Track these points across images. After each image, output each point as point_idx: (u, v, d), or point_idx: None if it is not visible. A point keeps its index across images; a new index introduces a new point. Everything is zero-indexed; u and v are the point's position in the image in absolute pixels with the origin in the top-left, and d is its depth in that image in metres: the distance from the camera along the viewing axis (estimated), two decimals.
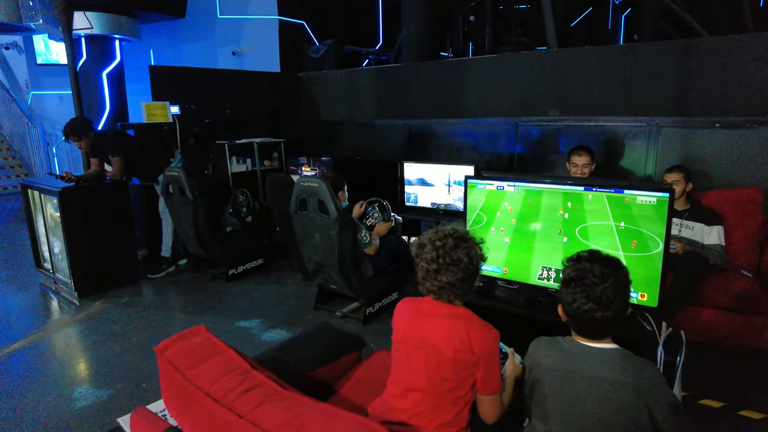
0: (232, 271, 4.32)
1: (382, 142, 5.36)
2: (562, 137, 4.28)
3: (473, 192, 2.61)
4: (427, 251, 1.56)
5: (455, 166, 4.35)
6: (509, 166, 4.53)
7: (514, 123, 4.47)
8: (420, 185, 4.54)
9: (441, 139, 4.96)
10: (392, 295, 3.66)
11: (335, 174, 3.41)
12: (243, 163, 5.31)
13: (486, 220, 2.47)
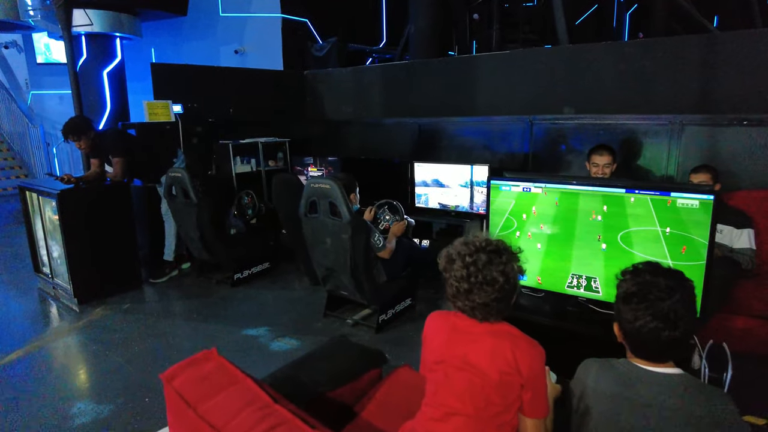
0: (238, 275, 4.19)
1: (390, 141, 5.22)
2: (579, 136, 4.13)
3: (498, 194, 2.46)
4: (456, 268, 1.41)
5: (468, 166, 4.22)
6: (524, 166, 4.37)
7: (529, 121, 4.32)
8: (431, 186, 4.41)
9: (452, 139, 4.82)
10: (406, 301, 3.51)
11: (347, 175, 3.27)
12: (247, 163, 5.17)
13: (516, 225, 2.31)
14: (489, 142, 4.60)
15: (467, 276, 1.39)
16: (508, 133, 4.48)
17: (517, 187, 2.43)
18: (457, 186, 4.29)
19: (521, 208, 2.32)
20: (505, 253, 1.43)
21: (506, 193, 2.42)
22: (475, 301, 1.40)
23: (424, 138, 4.97)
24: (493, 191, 2.48)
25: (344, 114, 5.61)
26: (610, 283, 2.13)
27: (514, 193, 2.43)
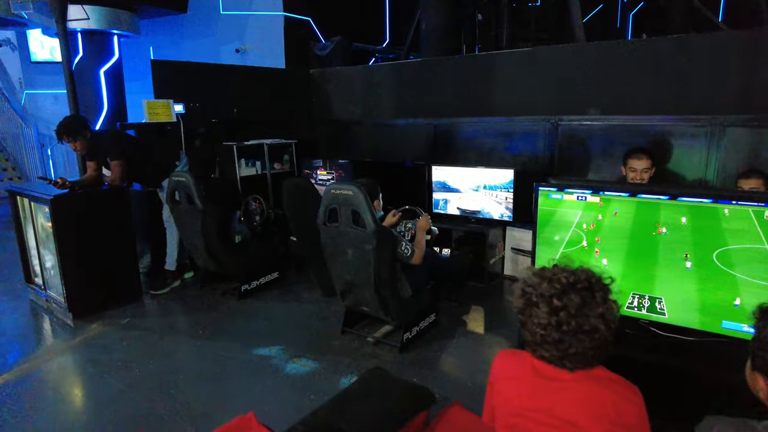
0: (245, 286, 3.94)
1: (403, 143, 5.01)
2: (608, 138, 3.91)
3: (547, 203, 2.19)
4: (541, 314, 1.16)
5: (490, 169, 4.02)
6: (549, 169, 4.16)
7: (554, 123, 4.08)
8: (448, 191, 4.23)
9: (470, 140, 4.60)
10: (430, 317, 3.28)
11: (369, 180, 3.04)
12: (252, 166, 5.02)
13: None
14: (510, 144, 4.38)
15: (557, 324, 1.14)
16: (530, 135, 4.26)
17: (570, 195, 2.17)
18: (476, 190, 4.11)
19: (582, 220, 2.04)
20: (599, 290, 1.17)
21: (557, 201, 2.18)
22: (568, 351, 1.14)
23: (440, 140, 4.76)
24: (542, 199, 2.20)
25: (353, 114, 5.41)
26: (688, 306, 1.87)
27: (568, 201, 2.18)
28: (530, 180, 4.02)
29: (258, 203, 4.46)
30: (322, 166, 4.92)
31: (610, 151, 3.89)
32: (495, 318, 3.51)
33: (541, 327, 1.16)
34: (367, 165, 4.74)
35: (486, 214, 4.07)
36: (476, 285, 4.03)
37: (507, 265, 4.26)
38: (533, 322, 1.17)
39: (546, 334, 1.15)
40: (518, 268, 4.19)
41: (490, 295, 3.92)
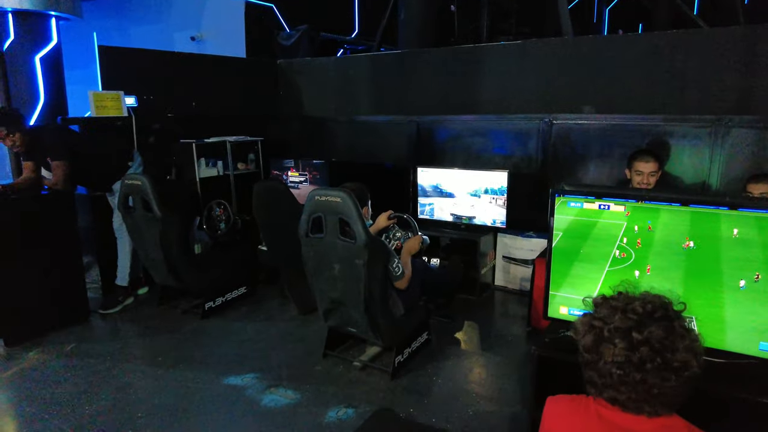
0: (209, 304, 3.75)
1: (383, 142, 4.89)
2: (606, 139, 3.88)
3: (564, 210, 2.11)
4: (618, 351, 1.05)
5: (482, 171, 3.97)
6: (542, 172, 4.12)
7: (548, 122, 4.04)
8: (435, 195, 4.15)
9: (456, 140, 4.51)
10: (422, 336, 3.17)
11: (358, 184, 2.92)
12: (213, 166, 4.85)
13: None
14: (501, 144, 4.32)
15: (639, 362, 1.03)
16: (522, 135, 4.20)
17: (591, 204, 2.09)
18: (467, 194, 4.03)
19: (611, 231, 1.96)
20: (676, 318, 1.08)
21: (577, 210, 2.09)
22: (650, 392, 1.03)
23: (424, 139, 4.65)
24: (560, 208, 2.10)
25: (327, 110, 5.27)
26: (725, 327, 1.79)
27: (589, 211, 2.10)
28: (524, 183, 4.08)
29: (223, 209, 4.28)
30: (293, 166, 4.78)
31: (608, 153, 3.86)
32: (490, 335, 3.44)
33: (618, 366, 1.04)
34: (344, 166, 4.61)
35: (479, 221, 4.01)
36: (468, 297, 3.95)
37: (498, 275, 4.20)
38: (607, 361, 1.06)
39: (624, 374, 1.04)
40: (510, 278, 4.14)
41: (482, 308, 3.85)
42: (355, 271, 2.57)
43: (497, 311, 3.85)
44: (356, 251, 2.52)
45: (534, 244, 3.94)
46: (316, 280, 2.79)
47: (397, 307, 2.84)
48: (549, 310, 2.23)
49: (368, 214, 2.96)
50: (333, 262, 2.64)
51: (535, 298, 3.19)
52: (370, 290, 2.58)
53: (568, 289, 2.11)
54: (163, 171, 4.56)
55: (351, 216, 2.49)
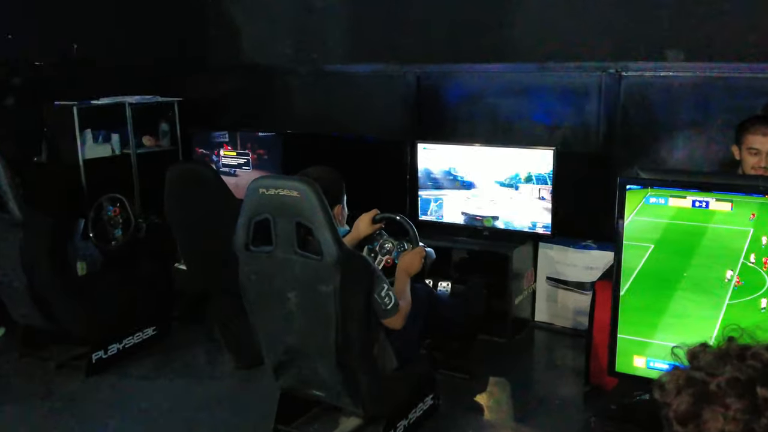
0: (99, 354, 3.76)
1: (365, 105, 4.94)
2: (701, 99, 3.90)
3: (646, 211, 2.16)
4: (731, 414, 1.04)
5: (515, 149, 4.02)
6: (606, 150, 4.14)
7: (615, 74, 4.06)
8: (456, 185, 4.18)
9: (475, 102, 4.55)
10: (425, 401, 3.15)
11: (326, 170, 2.90)
12: (105, 141, 5.02)
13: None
14: (543, 108, 4.34)
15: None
16: (576, 94, 4.23)
17: (681, 199, 2.13)
18: (492, 184, 4.07)
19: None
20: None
21: (670, 210, 2.14)
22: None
23: (427, 100, 4.69)
24: (631, 204, 2.15)
25: (279, 56, 5.35)
26: None
27: (674, 209, 2.15)
28: (578, 167, 4.05)
29: (119, 207, 4.31)
30: (227, 142, 4.85)
31: (705, 121, 3.88)
32: (528, 397, 3.43)
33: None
34: (306, 141, 4.65)
35: (508, 224, 4.05)
36: (494, 340, 3.94)
37: (540, 306, 4.21)
38: (715, 428, 1.03)
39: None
40: (558, 310, 4.14)
41: (516, 356, 3.85)
42: (321, 304, 2.54)
43: (538, 361, 3.79)
44: (323, 272, 2.49)
45: (594, 259, 3.93)
46: (261, 316, 2.77)
47: (388, 357, 2.83)
48: (618, 361, 2.25)
49: (342, 216, 2.94)
50: (287, 289, 2.62)
51: (596, 341, 3.17)
52: (344, 332, 2.55)
53: (657, 331, 2.14)
54: (27, 149, 4.64)
55: (315, 219, 2.45)
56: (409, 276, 2.94)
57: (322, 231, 2.45)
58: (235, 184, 4.50)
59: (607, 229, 3.82)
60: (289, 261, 2.57)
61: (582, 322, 3.78)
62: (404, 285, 2.87)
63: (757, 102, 3.69)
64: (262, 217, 2.59)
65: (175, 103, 5.18)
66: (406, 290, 2.86)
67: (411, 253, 3.00)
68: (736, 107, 3.67)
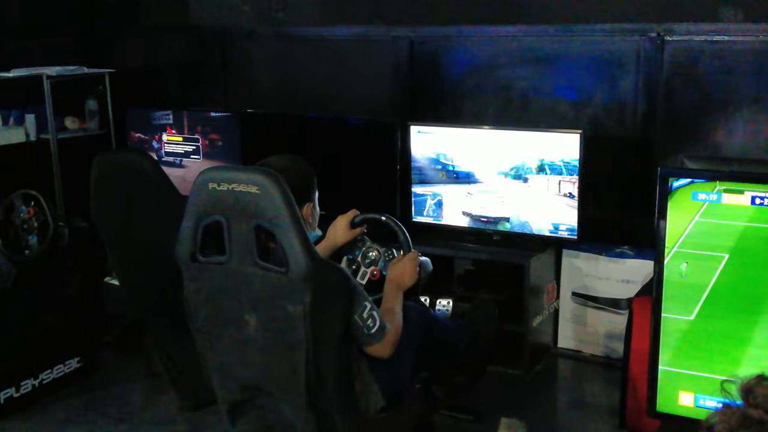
0: (8, 392, 3.77)
1: (346, 77, 4.99)
2: (764, 69, 3.91)
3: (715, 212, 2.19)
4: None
5: (533, 133, 4.09)
6: (645, 134, 4.17)
7: (657, 38, 4.08)
8: (453, 179, 4.24)
9: (484, 73, 4.59)
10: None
11: (294, 160, 2.92)
12: (17, 124, 5.11)
13: None
14: (567, 81, 4.38)
15: None
16: (609, 63, 4.28)
17: (738, 195, 2.14)
18: (504, 176, 4.12)
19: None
20: None
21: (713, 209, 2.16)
22: None
23: (421, 71, 4.72)
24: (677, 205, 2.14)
25: (235, 16, 5.37)
26: None
27: (730, 207, 2.17)
28: (612, 155, 4.13)
29: (34, 208, 4.30)
30: (171, 124, 4.90)
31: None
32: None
33: None
34: (269, 122, 4.71)
35: (522, 226, 4.08)
36: (506, 372, 3.98)
37: (564, 329, 4.25)
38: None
39: None
40: (586, 335, 4.17)
41: (535, 391, 3.89)
42: (287, 328, 2.52)
43: (562, 398, 3.83)
44: (289, 289, 2.47)
45: (631, 270, 3.96)
46: (212, 344, 2.75)
47: (372, 394, 2.82)
48: (660, 398, 2.28)
49: (314, 218, 2.96)
50: (245, 309, 2.60)
51: (634, 373, 3.20)
52: (317, 364, 2.53)
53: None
54: None
55: (279, 221, 2.43)
56: (401, 290, 2.95)
57: (288, 236, 2.43)
58: (182, 176, 4.50)
59: (647, 232, 3.87)
60: (247, 275, 2.56)
61: (616, 348, 3.85)
62: (395, 302, 2.89)
63: None
64: (212, 220, 2.56)
65: (105, 76, 5.17)
66: (397, 309, 2.87)
67: (402, 260, 3.01)
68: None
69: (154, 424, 3.65)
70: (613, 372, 3.81)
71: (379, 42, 4.81)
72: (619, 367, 3.46)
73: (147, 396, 3.91)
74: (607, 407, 3.62)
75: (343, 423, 2.66)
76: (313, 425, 2.65)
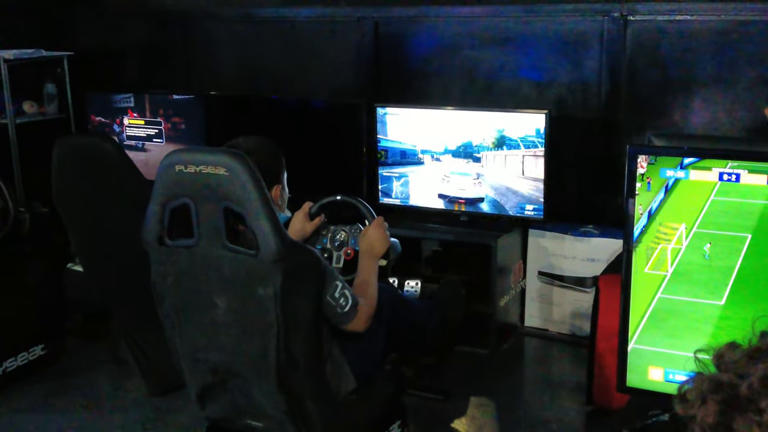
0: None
1: (311, 59, 4.96)
2: (727, 48, 3.94)
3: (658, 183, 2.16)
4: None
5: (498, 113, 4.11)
6: (610, 114, 4.20)
7: (619, 18, 4.10)
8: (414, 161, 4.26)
9: (449, 54, 4.59)
10: (391, 430, 3.13)
11: (261, 142, 2.90)
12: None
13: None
14: (532, 62, 4.41)
15: None
16: (573, 44, 4.29)
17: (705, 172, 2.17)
18: (469, 157, 4.15)
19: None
20: None
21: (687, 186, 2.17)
22: None
23: (388, 53, 4.73)
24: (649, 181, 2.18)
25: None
26: None
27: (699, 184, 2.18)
28: (577, 135, 4.15)
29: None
30: (133, 107, 4.87)
31: (731, 77, 3.93)
32: (519, 421, 3.48)
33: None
34: (234, 105, 4.70)
35: (489, 207, 4.11)
36: (474, 352, 4.00)
37: (531, 308, 4.28)
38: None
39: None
40: (553, 314, 4.21)
41: (503, 371, 3.92)
42: (257, 311, 2.51)
43: (529, 377, 3.87)
44: (259, 271, 2.47)
45: (597, 249, 4.00)
46: (180, 329, 2.73)
47: (343, 376, 2.84)
48: (629, 374, 2.25)
49: (283, 200, 2.95)
50: (214, 293, 2.58)
51: (601, 350, 3.22)
52: (288, 347, 2.53)
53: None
54: None
55: (248, 203, 2.41)
56: (375, 258, 2.97)
57: (257, 218, 2.42)
58: (145, 161, 4.48)
59: (612, 211, 3.90)
60: (216, 258, 2.55)
61: (582, 326, 3.89)
62: (369, 272, 2.91)
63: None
64: (179, 202, 2.54)
65: (64, 59, 5.12)
66: (372, 280, 2.89)
67: (369, 229, 3.03)
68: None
69: (121, 410, 3.62)
70: (579, 350, 3.85)
71: (344, 23, 4.79)
72: (585, 345, 3.51)
73: (113, 382, 3.89)
74: (574, 385, 3.66)
75: (314, 405, 2.66)
76: (284, 407, 2.65)
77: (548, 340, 4.18)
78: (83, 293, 4.12)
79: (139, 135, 4.79)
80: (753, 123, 3.75)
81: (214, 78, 5.21)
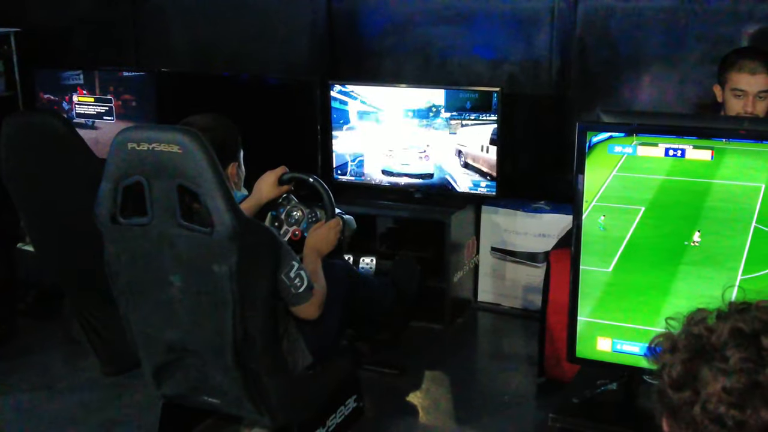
0: None
1: (263, 34, 4.91)
2: (677, 28, 3.97)
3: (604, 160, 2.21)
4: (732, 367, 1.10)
5: (451, 91, 4.09)
6: (560, 91, 4.23)
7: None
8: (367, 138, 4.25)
9: (403, 32, 4.58)
10: (347, 404, 3.19)
11: (216, 119, 2.89)
12: None
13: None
14: (485, 39, 4.40)
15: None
16: (525, 22, 4.30)
17: (652, 148, 2.18)
18: (424, 135, 4.14)
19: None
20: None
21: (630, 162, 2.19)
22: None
23: (341, 30, 4.71)
24: (595, 159, 2.22)
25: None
26: None
27: (647, 160, 2.20)
28: (529, 111, 4.19)
29: None
30: (82, 84, 4.82)
31: (678, 55, 3.97)
32: (472, 394, 3.51)
33: (731, 405, 1.07)
34: (187, 81, 4.66)
35: (443, 180, 4.12)
36: (430, 327, 4.02)
37: (484, 284, 4.30)
38: (712, 394, 1.08)
39: (741, 412, 1.07)
40: (506, 288, 4.24)
41: (457, 345, 3.94)
42: (213, 289, 2.51)
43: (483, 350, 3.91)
44: (215, 249, 2.46)
45: (548, 224, 4.04)
46: (135, 307, 2.72)
47: (299, 352, 2.84)
48: (579, 345, 2.27)
49: (239, 177, 2.94)
50: (169, 271, 2.58)
51: (552, 323, 3.26)
52: (244, 324, 2.54)
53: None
54: None
55: (203, 180, 2.40)
56: (320, 256, 2.97)
57: (212, 196, 2.41)
58: (95, 139, 4.42)
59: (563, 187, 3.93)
60: (171, 236, 2.53)
61: (534, 301, 3.91)
62: (314, 266, 2.90)
63: (742, 31, 3.80)
64: (132, 180, 2.52)
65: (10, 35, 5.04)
66: (318, 272, 2.88)
67: (324, 227, 3.02)
68: (717, 37, 3.78)
69: (75, 390, 3.59)
70: (531, 323, 3.86)
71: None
72: (536, 319, 3.53)
73: (67, 362, 3.86)
74: (527, 357, 3.69)
75: (271, 381, 2.67)
76: (240, 384, 2.66)
77: (501, 315, 4.20)
78: (34, 273, 4.09)
79: (89, 113, 4.73)
80: (702, 101, 3.80)
81: (165, 54, 5.15)
